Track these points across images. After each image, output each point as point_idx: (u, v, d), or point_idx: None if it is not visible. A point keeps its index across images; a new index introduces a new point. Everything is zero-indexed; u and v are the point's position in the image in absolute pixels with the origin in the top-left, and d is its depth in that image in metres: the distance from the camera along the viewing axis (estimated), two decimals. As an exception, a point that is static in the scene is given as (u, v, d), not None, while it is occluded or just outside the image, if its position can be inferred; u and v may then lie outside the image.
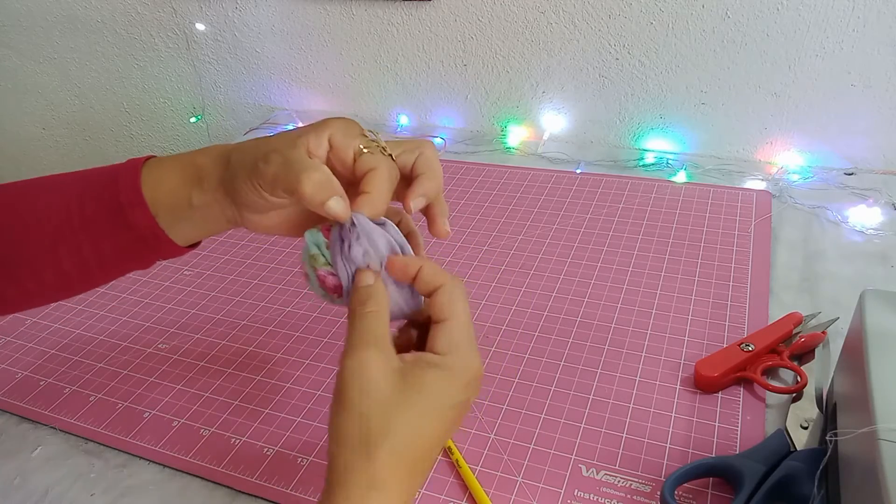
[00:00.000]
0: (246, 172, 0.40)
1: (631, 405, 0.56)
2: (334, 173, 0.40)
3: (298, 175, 0.38)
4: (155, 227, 0.43)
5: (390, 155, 0.41)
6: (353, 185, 0.40)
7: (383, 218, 0.40)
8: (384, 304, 0.38)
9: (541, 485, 0.50)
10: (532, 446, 0.53)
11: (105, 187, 0.44)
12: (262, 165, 0.39)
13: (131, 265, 0.46)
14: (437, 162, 0.43)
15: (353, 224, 0.38)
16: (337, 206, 0.38)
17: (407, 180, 0.43)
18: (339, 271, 0.39)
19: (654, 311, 0.66)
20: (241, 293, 0.73)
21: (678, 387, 0.57)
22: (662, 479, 0.49)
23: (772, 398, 0.55)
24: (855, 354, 0.44)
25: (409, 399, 0.35)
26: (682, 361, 0.60)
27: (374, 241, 0.39)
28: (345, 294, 0.40)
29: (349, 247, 0.39)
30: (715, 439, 0.52)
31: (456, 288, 0.38)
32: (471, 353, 0.38)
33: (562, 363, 0.60)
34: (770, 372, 0.57)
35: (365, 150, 0.40)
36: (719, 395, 0.56)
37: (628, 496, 0.48)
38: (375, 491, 0.33)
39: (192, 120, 1.31)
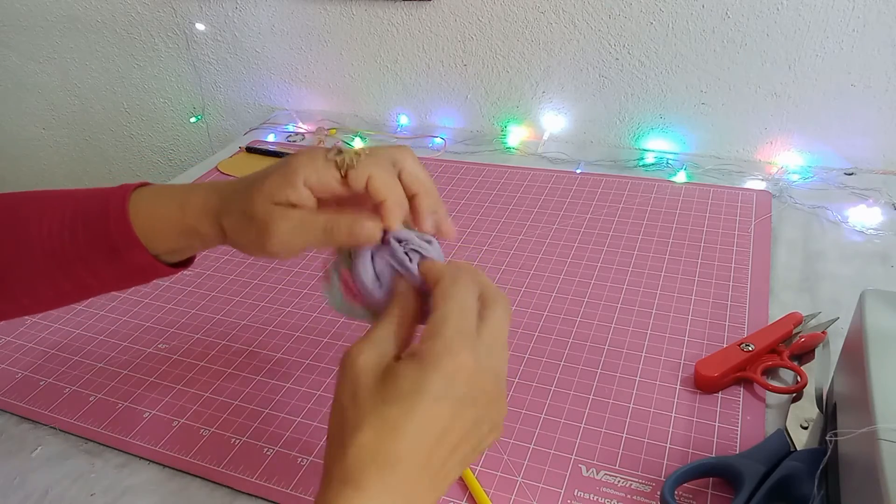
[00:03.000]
0: (252, 246, 0.41)
1: (631, 405, 0.56)
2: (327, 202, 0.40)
3: (322, 239, 0.39)
4: (154, 262, 0.45)
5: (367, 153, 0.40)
6: (356, 201, 0.40)
7: (405, 231, 0.40)
8: (409, 310, 0.38)
9: (541, 485, 0.50)
10: (532, 446, 0.53)
11: (96, 222, 0.44)
12: (271, 246, 0.39)
13: (131, 285, 0.47)
14: (423, 171, 0.42)
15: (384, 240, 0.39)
16: (364, 229, 0.39)
17: None
18: (365, 283, 0.40)
19: (654, 311, 0.66)
20: (241, 293, 0.73)
21: (678, 387, 0.57)
22: (662, 479, 0.49)
23: (772, 398, 0.55)
24: (855, 354, 0.44)
25: (383, 392, 0.33)
26: (682, 361, 0.60)
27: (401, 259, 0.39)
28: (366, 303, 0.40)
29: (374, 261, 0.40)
30: (715, 439, 0.52)
31: (453, 282, 0.37)
32: (457, 343, 0.33)
33: (562, 363, 0.60)
34: (770, 372, 0.57)
35: (347, 168, 0.39)
36: (719, 395, 0.56)
37: (628, 496, 0.48)
38: (349, 488, 0.32)
39: (192, 120, 1.31)
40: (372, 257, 0.40)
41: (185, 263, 0.48)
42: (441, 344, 0.33)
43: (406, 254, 0.39)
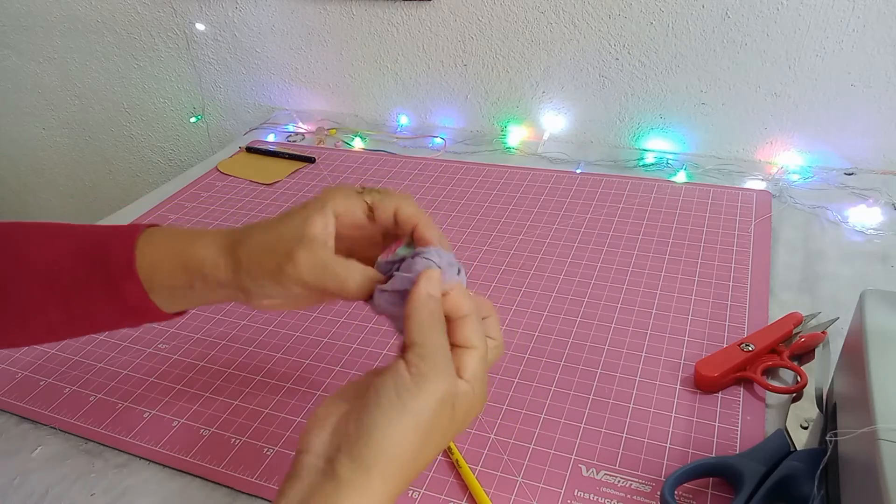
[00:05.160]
0: (268, 274, 0.40)
1: (631, 405, 0.56)
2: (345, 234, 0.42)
3: (342, 282, 0.40)
4: (147, 301, 0.44)
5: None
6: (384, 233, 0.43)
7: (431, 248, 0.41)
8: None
9: (541, 485, 0.50)
10: (532, 446, 0.53)
11: (97, 251, 0.44)
12: (292, 270, 0.40)
13: (120, 325, 0.47)
14: (418, 210, 0.43)
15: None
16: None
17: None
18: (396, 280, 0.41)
19: (654, 311, 0.66)
20: (241, 293, 0.73)
21: (678, 387, 0.57)
22: (662, 479, 0.49)
23: (772, 398, 0.55)
24: (855, 354, 0.44)
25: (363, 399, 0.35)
26: (682, 361, 0.60)
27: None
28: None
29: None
30: (715, 439, 0.52)
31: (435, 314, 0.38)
32: (448, 372, 0.36)
33: (562, 363, 0.60)
34: (770, 372, 0.57)
35: (374, 202, 0.42)
36: (719, 395, 0.56)
37: (628, 496, 0.48)
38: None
39: (192, 120, 1.31)
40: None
41: (179, 313, 0.47)
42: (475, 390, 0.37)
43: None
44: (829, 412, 0.51)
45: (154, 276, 0.43)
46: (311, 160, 1.00)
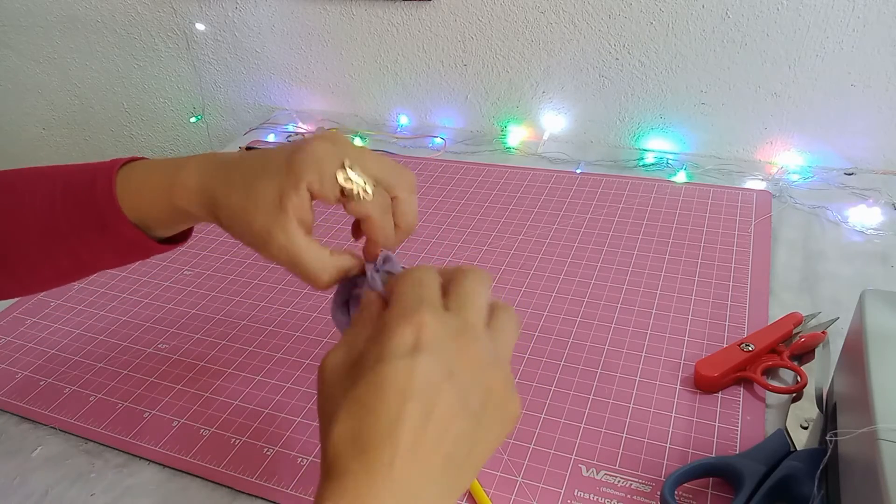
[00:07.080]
0: (248, 244, 0.41)
1: (631, 405, 0.56)
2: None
3: (309, 275, 0.40)
4: (144, 238, 0.44)
5: (374, 186, 0.40)
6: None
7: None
8: (375, 314, 0.38)
9: (541, 485, 0.50)
10: (532, 446, 0.53)
11: (84, 196, 0.44)
12: (266, 252, 0.40)
13: (129, 260, 0.47)
14: (414, 209, 0.43)
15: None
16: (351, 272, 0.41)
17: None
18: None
19: (654, 311, 0.66)
20: (241, 293, 0.73)
21: (678, 387, 0.57)
22: (662, 479, 0.49)
23: (772, 398, 0.55)
24: (855, 354, 0.44)
25: (350, 377, 0.32)
26: (682, 361, 0.60)
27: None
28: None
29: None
30: (715, 439, 0.52)
31: (407, 271, 0.37)
32: (413, 305, 0.33)
33: (562, 363, 0.60)
34: (770, 372, 0.57)
35: (352, 199, 0.39)
36: (719, 395, 0.56)
37: (628, 496, 0.48)
38: (331, 480, 0.29)
39: (192, 120, 1.31)
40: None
41: (182, 238, 0.48)
42: (396, 310, 0.33)
43: (378, 270, 0.40)
44: (829, 412, 0.51)
45: (144, 219, 0.44)
46: (311, 160, 1.00)
